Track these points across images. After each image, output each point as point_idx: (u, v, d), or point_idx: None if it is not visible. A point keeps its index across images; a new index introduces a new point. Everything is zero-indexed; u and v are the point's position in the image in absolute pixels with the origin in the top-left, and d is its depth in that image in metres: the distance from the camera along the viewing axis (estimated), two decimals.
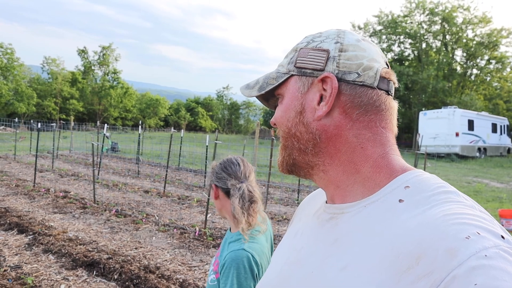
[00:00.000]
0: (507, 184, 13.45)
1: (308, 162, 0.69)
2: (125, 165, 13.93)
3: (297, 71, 0.68)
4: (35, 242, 5.01)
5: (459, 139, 21.49)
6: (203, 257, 4.85)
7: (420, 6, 36.31)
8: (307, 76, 0.67)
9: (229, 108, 60.51)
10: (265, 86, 0.72)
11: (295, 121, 0.68)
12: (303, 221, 0.78)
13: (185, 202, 8.02)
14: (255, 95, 0.74)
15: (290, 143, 0.70)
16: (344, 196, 0.65)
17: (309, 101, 0.66)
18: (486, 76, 38.14)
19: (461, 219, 0.50)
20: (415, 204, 0.56)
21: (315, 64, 0.66)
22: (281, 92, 0.71)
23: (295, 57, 0.69)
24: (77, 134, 22.94)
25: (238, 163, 1.57)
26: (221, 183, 1.53)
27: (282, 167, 0.74)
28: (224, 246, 1.50)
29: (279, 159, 0.74)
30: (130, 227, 5.92)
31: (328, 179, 0.67)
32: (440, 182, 0.60)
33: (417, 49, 38.03)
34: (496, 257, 0.45)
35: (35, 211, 6.66)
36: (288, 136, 0.70)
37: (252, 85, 0.75)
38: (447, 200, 0.55)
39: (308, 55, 0.67)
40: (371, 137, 0.64)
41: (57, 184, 9.28)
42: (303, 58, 0.67)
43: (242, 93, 0.76)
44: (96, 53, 50.33)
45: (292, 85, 0.69)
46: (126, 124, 49.08)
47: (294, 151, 0.69)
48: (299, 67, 0.68)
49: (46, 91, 45.50)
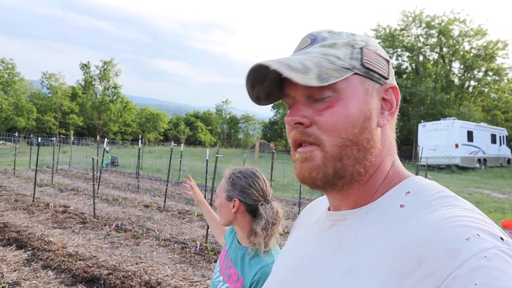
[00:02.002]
0: (508, 194, 13.40)
1: (357, 174, 0.62)
2: (125, 180, 13.87)
3: (364, 71, 0.62)
4: (34, 258, 4.94)
5: (458, 150, 21.51)
6: (205, 272, 4.78)
7: (417, 19, 36.77)
8: (373, 80, 0.63)
9: (228, 122, 60.66)
10: (327, 77, 0.58)
11: (363, 127, 0.61)
12: (305, 229, 0.78)
13: (186, 216, 7.95)
14: (313, 85, 0.57)
15: (349, 152, 0.61)
16: (355, 204, 0.66)
17: (375, 107, 0.63)
18: (483, 88, 38.39)
19: (461, 221, 0.51)
20: (416, 209, 0.57)
21: (383, 71, 0.65)
22: (337, 89, 0.60)
23: (359, 55, 0.62)
24: (77, 148, 22.92)
25: (261, 177, 1.51)
26: (248, 199, 1.46)
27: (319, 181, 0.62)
28: (243, 261, 1.43)
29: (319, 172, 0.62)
30: (131, 242, 5.85)
31: (354, 190, 0.64)
32: (440, 187, 0.61)
33: (414, 62, 38.37)
34: (495, 258, 0.46)
35: (34, 226, 6.59)
36: (350, 144, 0.61)
37: (300, 68, 0.58)
38: (447, 204, 0.56)
39: (375, 59, 0.64)
40: (392, 145, 0.67)
41: (56, 198, 9.22)
42: (371, 60, 0.63)
43: (287, 74, 0.57)
44: (97, 67, 50.72)
45: (358, 86, 0.62)
46: (125, 139, 49.12)
47: (350, 162, 0.61)
48: (367, 68, 0.63)
49: (46, 105, 45.70)
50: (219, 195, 1.53)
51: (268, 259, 1.37)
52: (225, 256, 1.57)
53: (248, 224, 1.47)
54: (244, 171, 1.52)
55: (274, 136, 50.50)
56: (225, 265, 1.52)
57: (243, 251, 1.46)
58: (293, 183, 11.55)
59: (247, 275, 1.37)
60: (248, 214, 1.47)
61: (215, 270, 1.59)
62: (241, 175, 1.50)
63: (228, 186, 1.50)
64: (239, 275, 1.41)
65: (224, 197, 1.50)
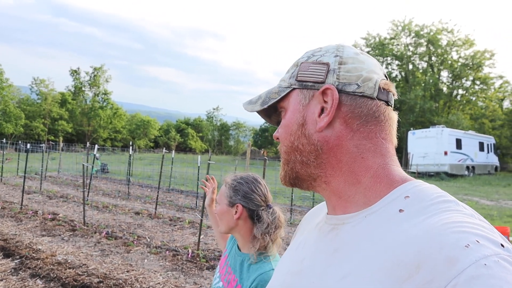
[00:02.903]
0: (496, 201, 13.58)
1: (310, 175, 0.69)
2: (115, 187, 13.72)
3: (298, 84, 0.69)
4: (22, 267, 4.84)
5: (447, 157, 21.76)
6: (197, 280, 4.73)
7: (406, 28, 37.37)
8: (308, 89, 0.68)
9: (219, 129, 60.55)
10: (268, 101, 0.72)
11: (298, 134, 0.68)
12: (306, 234, 0.79)
13: (177, 223, 7.89)
14: (257, 110, 0.74)
15: (293, 156, 0.70)
16: (345, 207, 0.66)
17: (311, 113, 0.67)
18: (471, 96, 39.05)
19: (460, 227, 0.50)
20: (415, 214, 0.56)
21: (316, 77, 0.67)
22: (283, 106, 0.72)
23: (296, 71, 0.70)
24: (66, 155, 22.64)
25: (262, 183, 1.52)
26: (250, 204, 1.46)
27: (284, 181, 0.74)
28: (241, 267, 1.43)
29: (281, 173, 0.74)
30: (121, 250, 5.78)
31: (330, 190, 0.68)
32: (440, 191, 0.61)
33: (404, 70, 38.91)
34: (495, 266, 0.45)
35: (22, 234, 6.47)
36: (290, 150, 0.70)
37: (254, 100, 0.76)
38: (446, 209, 0.55)
39: (309, 69, 0.69)
40: (371, 147, 0.65)
41: (45, 206, 9.07)
42: (304, 71, 0.69)
43: (245, 109, 0.77)
44: (87, 73, 50.37)
45: (294, 98, 0.70)
46: (115, 145, 48.72)
47: (297, 165, 0.70)
48: (300, 81, 0.69)
49: (35, 111, 45.17)
50: (220, 202, 1.52)
51: (267, 266, 1.36)
52: (225, 262, 1.56)
53: (249, 231, 1.46)
54: (246, 177, 1.53)
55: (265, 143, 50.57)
56: (225, 271, 1.52)
57: (242, 258, 1.46)
58: (285, 190, 11.55)
59: (245, 281, 1.36)
60: (249, 220, 1.47)
61: (215, 275, 1.59)
62: (243, 181, 1.51)
63: (230, 192, 1.50)
64: (238, 281, 1.40)
65: (226, 204, 1.50)
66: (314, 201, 10.51)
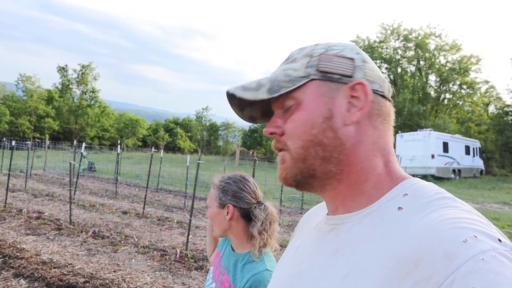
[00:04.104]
0: (481, 204, 13.79)
1: (328, 172, 0.65)
2: (103, 185, 13.55)
3: (320, 75, 0.65)
4: (5, 266, 4.73)
5: (434, 161, 22.03)
6: (185, 280, 4.68)
7: (395, 32, 37.78)
8: (333, 82, 0.65)
9: (208, 129, 60.41)
10: (277, 89, 0.65)
11: (323, 127, 0.64)
12: (304, 235, 0.78)
13: (165, 223, 7.81)
14: (263, 98, 0.65)
15: (313, 152, 0.64)
16: (348, 206, 0.65)
17: (338, 106, 0.64)
18: (458, 101, 39.66)
19: (458, 223, 0.50)
20: (414, 211, 0.57)
21: (343, 70, 0.65)
22: (296, 97, 0.66)
23: (315, 62, 0.66)
24: (52, 153, 22.28)
25: (251, 181, 1.50)
26: (241, 203, 1.43)
27: (290, 180, 0.68)
28: (235, 268, 1.41)
29: (287, 172, 0.68)
30: (108, 249, 5.69)
31: (339, 189, 0.66)
32: (437, 188, 0.61)
33: (393, 74, 39.32)
34: (493, 261, 0.45)
35: (6, 232, 6.33)
36: (311, 145, 0.64)
37: (254, 87, 0.66)
38: (444, 206, 0.56)
39: (332, 61, 0.66)
40: (382, 145, 0.66)
41: (30, 204, 8.89)
42: (328, 63, 0.65)
43: (240, 95, 0.66)
44: (75, 71, 49.74)
45: (315, 90, 0.65)
46: (103, 144, 48.19)
47: (317, 161, 0.64)
48: (323, 72, 0.65)
49: (20, 108, 44.44)
50: (210, 205, 1.49)
51: (260, 266, 1.34)
52: (218, 262, 1.54)
53: (242, 231, 1.44)
54: (233, 177, 1.51)
55: (254, 144, 50.60)
56: (218, 272, 1.49)
57: (236, 258, 1.44)
58: (274, 191, 11.55)
59: (239, 282, 1.34)
60: (242, 219, 1.44)
61: (208, 276, 1.56)
62: (231, 181, 1.48)
63: (219, 194, 1.47)
64: (231, 282, 1.39)
65: (216, 206, 1.47)
66: (303, 202, 10.52)
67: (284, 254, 0.82)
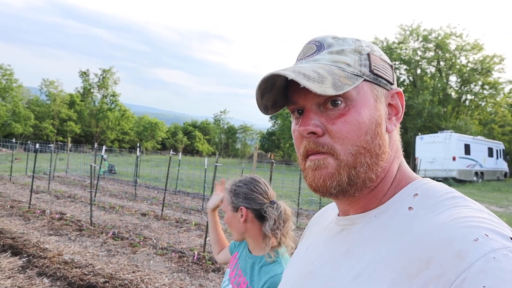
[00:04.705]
0: (506, 208, 13.40)
1: (369, 180, 0.62)
2: (122, 188, 13.79)
3: (373, 78, 0.63)
4: (29, 265, 4.87)
5: (456, 163, 21.55)
6: (202, 282, 4.72)
7: (414, 33, 37.14)
8: (381, 86, 0.64)
9: (226, 132, 60.69)
10: (341, 86, 0.58)
11: (375, 133, 0.61)
12: (314, 236, 0.78)
13: (183, 225, 7.89)
14: (331, 94, 0.57)
15: (363, 159, 0.60)
16: (360, 207, 0.66)
17: (383, 113, 0.64)
18: (480, 101, 38.64)
19: (469, 222, 0.50)
20: (425, 211, 0.57)
21: (388, 76, 0.65)
22: (347, 96, 0.60)
23: (367, 62, 0.63)
24: (74, 156, 22.81)
25: (261, 181, 1.52)
26: (253, 204, 1.45)
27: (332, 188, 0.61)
28: (252, 270, 1.42)
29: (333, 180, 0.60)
30: (127, 250, 5.79)
31: (367, 195, 0.64)
32: (448, 188, 0.61)
33: (412, 75, 38.66)
34: (504, 259, 0.45)
35: (30, 233, 6.52)
36: (364, 151, 0.60)
37: (316, 78, 0.57)
38: (455, 205, 0.56)
39: (381, 65, 0.65)
40: (399, 148, 0.68)
41: (53, 205, 9.14)
42: (378, 66, 0.64)
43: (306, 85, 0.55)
44: (96, 75, 50.83)
45: (366, 92, 0.62)
46: (123, 147, 49.03)
47: (363, 168, 0.60)
48: (376, 74, 0.63)
49: (44, 112, 45.66)
50: (226, 210, 1.52)
51: (278, 269, 1.36)
52: (235, 264, 1.56)
53: (258, 232, 1.46)
54: (244, 179, 1.53)
55: (271, 147, 50.52)
56: (235, 274, 1.51)
57: (253, 260, 1.46)
58: (291, 194, 11.51)
59: (256, 284, 1.36)
60: (257, 220, 1.46)
61: (224, 278, 1.58)
62: (241, 183, 1.51)
63: (231, 197, 1.50)
64: (248, 283, 1.40)
65: (230, 210, 1.50)
66: (321, 204, 10.46)
67: (294, 254, 0.83)
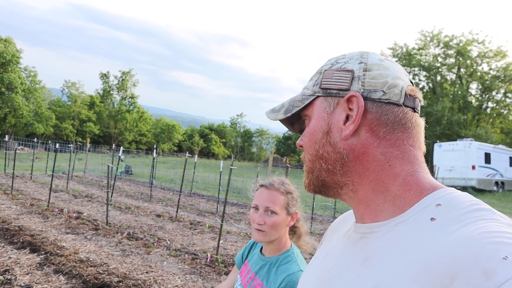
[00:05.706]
0: None
1: (337, 182, 0.68)
2: (138, 189, 13.96)
3: (322, 92, 0.69)
4: (46, 262, 4.98)
5: (475, 172, 21.06)
6: (215, 284, 4.73)
7: (435, 39, 36.61)
8: (332, 97, 0.68)
9: (242, 135, 60.86)
10: (291, 109, 0.72)
11: (322, 142, 0.68)
12: (334, 242, 0.77)
13: (197, 227, 7.94)
14: (281, 118, 0.74)
15: (318, 165, 0.69)
16: (374, 215, 0.65)
17: (336, 121, 0.67)
18: (502, 110, 37.73)
19: (497, 237, 0.47)
20: (448, 222, 0.54)
21: (340, 84, 0.67)
22: (307, 114, 0.71)
23: (319, 79, 0.70)
24: (92, 156, 23.24)
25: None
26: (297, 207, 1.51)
27: (308, 188, 0.73)
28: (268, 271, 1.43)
29: (305, 181, 0.73)
30: (142, 251, 5.86)
31: (357, 198, 0.67)
32: (474, 199, 0.58)
33: (432, 81, 38.08)
34: None
35: (48, 230, 6.66)
36: (315, 159, 0.69)
37: (277, 108, 0.75)
38: (481, 218, 0.52)
39: (333, 76, 0.68)
40: (398, 154, 0.64)
41: (70, 204, 9.32)
42: (328, 79, 0.68)
43: (268, 117, 0.76)
44: (116, 77, 51.75)
45: (318, 106, 0.69)
46: (140, 148, 49.72)
47: (322, 173, 0.69)
48: (324, 88, 0.68)
49: (65, 113, 46.70)
50: (279, 212, 1.45)
51: (295, 267, 1.38)
52: (246, 270, 1.56)
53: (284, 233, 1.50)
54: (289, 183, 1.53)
55: (287, 151, 50.38)
56: (247, 278, 1.51)
57: (268, 262, 1.47)
58: (306, 199, 11.46)
59: (273, 284, 1.37)
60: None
61: (236, 284, 1.58)
62: (293, 188, 1.52)
63: (291, 201, 1.48)
64: (263, 284, 1.41)
65: (285, 213, 1.47)
66: (335, 210, 10.38)
67: (312, 260, 0.82)
